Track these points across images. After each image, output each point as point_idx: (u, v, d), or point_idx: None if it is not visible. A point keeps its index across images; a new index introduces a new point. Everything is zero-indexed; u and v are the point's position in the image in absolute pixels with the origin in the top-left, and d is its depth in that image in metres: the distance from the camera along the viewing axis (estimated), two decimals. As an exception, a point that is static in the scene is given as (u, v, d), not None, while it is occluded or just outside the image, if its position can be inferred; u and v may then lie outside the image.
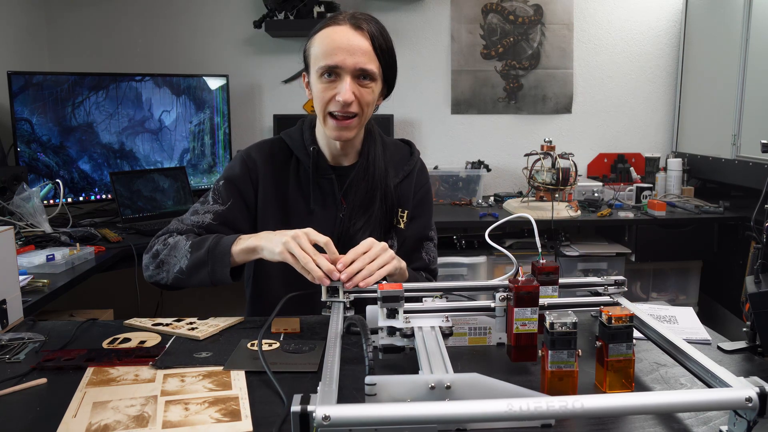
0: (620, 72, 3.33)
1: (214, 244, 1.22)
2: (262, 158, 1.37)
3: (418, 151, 1.47)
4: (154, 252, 1.31)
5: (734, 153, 2.75)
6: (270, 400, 0.88)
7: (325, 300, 1.08)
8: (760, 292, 1.00)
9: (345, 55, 1.21)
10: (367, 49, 1.23)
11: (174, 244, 1.27)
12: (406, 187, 1.41)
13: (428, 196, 1.47)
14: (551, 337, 0.86)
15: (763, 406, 0.69)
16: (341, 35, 1.22)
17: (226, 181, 1.36)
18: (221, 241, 1.22)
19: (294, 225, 1.32)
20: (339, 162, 1.38)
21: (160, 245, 1.30)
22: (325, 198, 1.36)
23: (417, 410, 0.67)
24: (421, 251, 1.43)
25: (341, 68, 1.22)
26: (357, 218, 1.35)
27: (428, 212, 1.46)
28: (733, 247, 2.67)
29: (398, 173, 1.41)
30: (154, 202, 2.58)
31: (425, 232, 1.44)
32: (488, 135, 3.34)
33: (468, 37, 3.26)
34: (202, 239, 1.25)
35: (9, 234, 1.20)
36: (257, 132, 3.23)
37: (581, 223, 2.73)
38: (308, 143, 1.36)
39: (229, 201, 1.34)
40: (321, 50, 1.23)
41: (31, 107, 2.47)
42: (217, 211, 1.33)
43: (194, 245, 1.24)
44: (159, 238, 1.33)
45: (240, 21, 3.15)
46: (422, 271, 1.42)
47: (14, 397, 0.90)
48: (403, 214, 1.40)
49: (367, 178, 1.35)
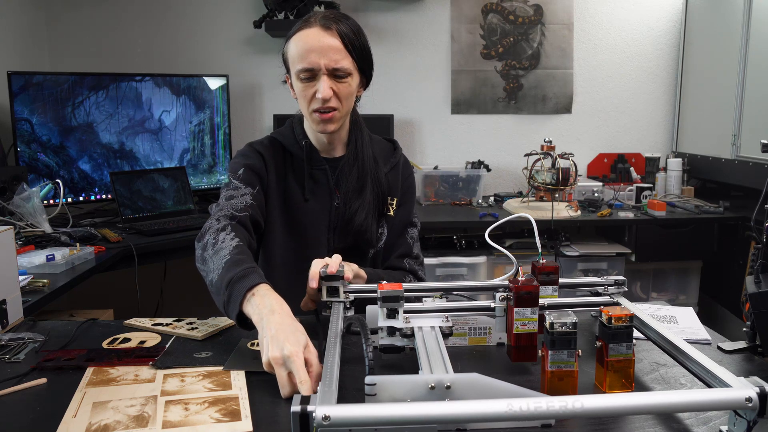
0: (620, 72, 3.33)
1: (238, 278, 1.07)
2: (264, 151, 1.42)
3: (400, 147, 1.56)
4: (203, 244, 1.21)
5: (734, 153, 2.75)
6: (270, 400, 0.88)
7: (325, 300, 1.08)
8: (760, 292, 1.00)
9: (317, 56, 1.27)
10: (338, 47, 1.28)
11: (219, 246, 1.17)
12: (393, 177, 1.48)
13: (412, 186, 1.54)
14: (551, 337, 0.86)
15: (763, 406, 0.69)
16: (312, 37, 1.28)
17: (245, 169, 1.37)
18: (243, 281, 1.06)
19: (292, 214, 1.40)
20: (330, 154, 1.45)
21: (211, 236, 1.21)
22: (320, 188, 1.42)
23: (417, 410, 0.67)
24: (406, 236, 1.49)
25: (316, 69, 1.28)
26: (352, 201, 1.40)
27: (412, 200, 1.53)
28: (733, 247, 2.67)
29: (386, 164, 1.48)
30: (154, 202, 2.58)
31: (409, 217, 1.50)
32: (488, 135, 3.34)
33: (468, 37, 3.26)
34: (236, 262, 1.11)
35: (9, 234, 1.20)
36: (257, 132, 3.23)
37: (581, 223, 2.73)
38: (300, 138, 1.43)
39: (257, 186, 1.37)
40: (296, 53, 1.29)
41: (31, 107, 2.47)
42: (252, 193, 1.35)
43: (230, 263, 1.11)
44: (210, 227, 1.24)
45: (240, 21, 3.15)
46: (406, 256, 1.46)
47: (14, 397, 0.90)
48: (392, 202, 1.47)
49: (357, 165, 1.42)
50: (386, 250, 1.47)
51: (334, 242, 1.40)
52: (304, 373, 0.88)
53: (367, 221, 1.40)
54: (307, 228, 1.40)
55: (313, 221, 1.40)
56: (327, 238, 1.40)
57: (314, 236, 1.40)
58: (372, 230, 1.42)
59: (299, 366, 0.88)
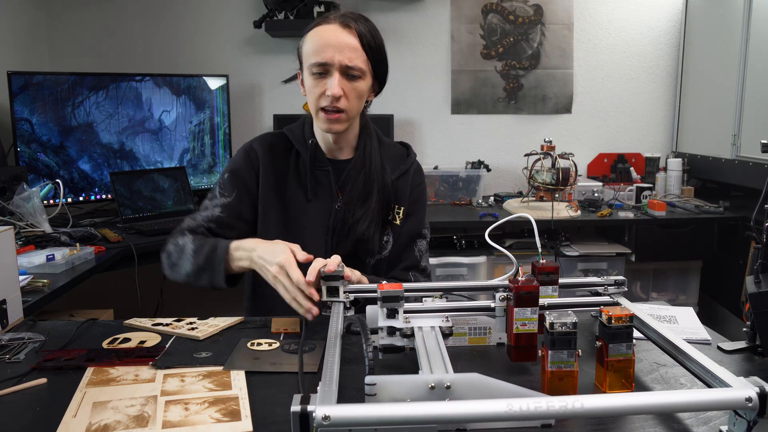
0: (620, 72, 3.33)
1: (211, 250, 1.26)
2: (263, 150, 1.42)
3: (414, 153, 1.53)
4: (167, 252, 1.36)
5: (734, 153, 2.75)
6: (270, 400, 0.88)
7: (325, 300, 1.08)
8: (760, 292, 1.00)
9: (333, 51, 1.26)
10: (355, 46, 1.28)
11: (182, 246, 1.32)
12: (402, 184, 1.45)
13: (424, 195, 1.51)
14: (551, 337, 0.86)
15: (763, 406, 0.69)
16: (330, 33, 1.28)
17: (230, 174, 1.41)
18: (217, 249, 1.26)
19: (292, 214, 1.40)
20: (335, 156, 1.43)
21: (171, 246, 1.35)
22: (322, 189, 1.41)
23: (417, 410, 0.67)
24: (414, 248, 1.45)
25: (330, 64, 1.26)
26: (356, 209, 1.39)
27: (422, 210, 1.49)
28: (733, 247, 2.67)
29: (395, 170, 1.45)
30: (154, 202, 2.58)
31: (419, 229, 1.47)
32: (488, 135, 3.34)
33: (468, 37, 3.26)
34: (202, 244, 1.29)
35: (9, 234, 1.20)
36: (257, 132, 3.20)
37: (581, 223, 2.73)
38: (308, 137, 1.42)
39: (234, 192, 1.39)
40: (311, 48, 1.28)
41: (31, 107, 2.47)
42: (224, 203, 1.39)
43: (196, 250, 1.29)
44: (173, 236, 1.37)
45: (240, 21, 3.15)
46: (413, 268, 1.44)
47: (14, 397, 0.90)
48: (399, 210, 1.44)
49: (363, 171, 1.40)
50: (392, 260, 1.43)
51: (333, 245, 1.39)
52: (297, 273, 1.09)
53: (369, 230, 1.38)
54: (306, 227, 1.38)
55: (312, 221, 1.39)
56: (325, 240, 1.39)
57: (312, 236, 1.38)
58: (374, 240, 1.39)
59: (292, 268, 1.09)
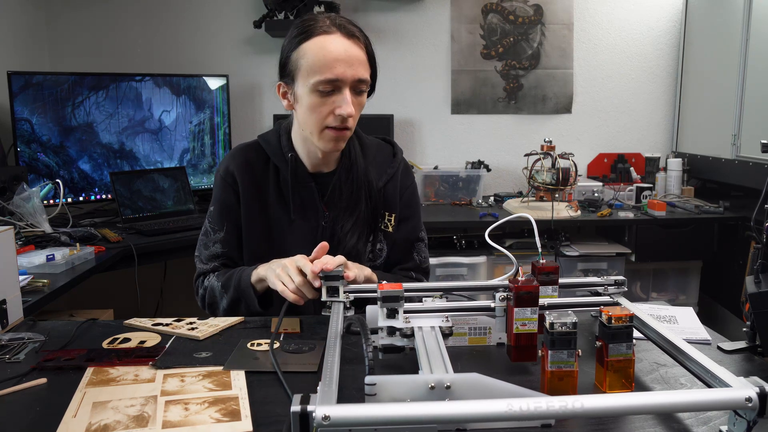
0: (620, 72, 3.33)
1: (237, 280, 1.27)
2: (239, 170, 1.34)
3: (400, 150, 1.44)
4: (201, 297, 1.38)
5: (734, 153, 2.75)
6: (270, 400, 0.88)
7: (325, 300, 1.08)
8: (760, 292, 1.00)
9: (344, 67, 1.16)
10: (362, 58, 1.20)
11: (211, 287, 1.34)
12: (390, 190, 1.38)
13: (414, 197, 1.44)
14: (551, 337, 0.86)
15: (763, 406, 0.69)
16: (337, 45, 1.17)
17: (216, 207, 1.38)
18: (242, 277, 1.27)
19: (276, 236, 1.34)
20: (319, 169, 1.34)
21: (201, 290, 1.37)
22: (306, 207, 1.33)
23: (417, 410, 0.67)
24: (413, 253, 1.42)
25: (341, 81, 1.17)
26: (344, 221, 1.32)
27: (416, 213, 1.43)
28: (733, 247, 2.67)
29: (381, 176, 1.37)
30: (154, 202, 2.58)
31: (416, 233, 1.42)
32: (488, 135, 3.34)
33: (468, 37, 3.26)
34: (228, 277, 1.30)
35: (9, 234, 1.20)
36: (257, 132, 3.16)
37: (581, 223, 2.73)
38: (286, 150, 1.33)
39: (225, 225, 1.36)
40: (316, 63, 1.17)
41: (31, 107, 2.47)
42: (220, 239, 1.37)
43: (224, 285, 1.30)
44: (198, 282, 1.39)
45: (240, 21, 3.15)
46: (413, 271, 1.42)
47: (14, 397, 0.90)
48: (390, 217, 1.38)
49: (350, 179, 1.33)
50: (392, 266, 1.39)
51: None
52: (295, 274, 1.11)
53: (359, 244, 1.32)
54: (291, 249, 1.24)
55: (297, 241, 1.31)
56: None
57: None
58: (363, 252, 1.33)
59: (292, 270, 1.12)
